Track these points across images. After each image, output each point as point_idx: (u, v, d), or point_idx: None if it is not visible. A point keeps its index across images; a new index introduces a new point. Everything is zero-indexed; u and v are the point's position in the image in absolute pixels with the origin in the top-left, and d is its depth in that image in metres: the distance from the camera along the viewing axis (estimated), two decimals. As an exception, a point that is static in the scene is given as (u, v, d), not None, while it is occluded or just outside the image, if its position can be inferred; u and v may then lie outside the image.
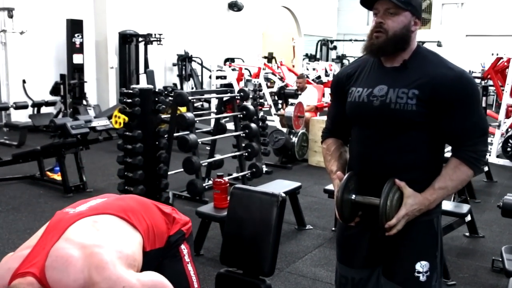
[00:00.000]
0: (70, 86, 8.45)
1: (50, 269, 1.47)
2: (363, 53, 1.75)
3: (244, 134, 5.49)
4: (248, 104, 5.73)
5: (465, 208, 3.75)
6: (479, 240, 4.12)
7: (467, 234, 4.18)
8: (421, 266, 1.70)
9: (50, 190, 5.20)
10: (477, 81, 12.10)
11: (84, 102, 9.44)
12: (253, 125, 5.52)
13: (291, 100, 7.28)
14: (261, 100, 6.66)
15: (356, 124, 1.59)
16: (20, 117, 8.58)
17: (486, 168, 6.03)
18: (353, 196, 1.71)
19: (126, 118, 4.52)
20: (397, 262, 1.73)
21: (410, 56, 1.69)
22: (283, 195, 2.05)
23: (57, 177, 5.39)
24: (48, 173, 5.59)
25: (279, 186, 4.12)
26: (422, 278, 1.71)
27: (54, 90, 8.15)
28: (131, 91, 4.30)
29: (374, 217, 1.67)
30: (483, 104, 6.76)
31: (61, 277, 1.46)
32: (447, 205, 3.83)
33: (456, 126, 1.63)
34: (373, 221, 1.71)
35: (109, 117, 7.24)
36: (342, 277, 1.88)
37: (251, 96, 5.98)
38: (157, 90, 4.49)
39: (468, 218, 3.93)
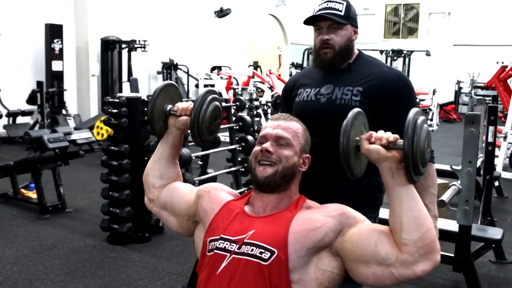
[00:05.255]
0: (49, 94, 7.91)
1: None
2: (315, 68, 1.88)
3: (240, 148, 5.01)
4: (244, 114, 5.26)
5: (498, 233, 3.32)
6: (508, 267, 3.70)
7: (493, 260, 3.76)
8: None
9: (25, 210, 4.64)
10: (480, 92, 11.84)
11: (64, 112, 8.92)
12: (250, 137, 5.04)
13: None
14: (257, 111, 6.20)
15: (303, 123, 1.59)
16: (-6, 127, 8.03)
17: (496, 183, 5.66)
18: None
19: (110, 130, 4.04)
20: None
21: (354, 60, 1.83)
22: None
23: (33, 195, 4.86)
24: (23, 190, 5.05)
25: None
26: None
27: (31, 99, 7.60)
28: (117, 100, 3.81)
29: None
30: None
31: None
32: (475, 230, 3.40)
33: (398, 125, 1.52)
34: None
35: (91, 128, 6.72)
36: None
37: (247, 106, 5.53)
38: (146, 99, 4.01)
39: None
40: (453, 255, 3.03)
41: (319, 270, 1.33)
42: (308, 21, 1.82)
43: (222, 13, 13.42)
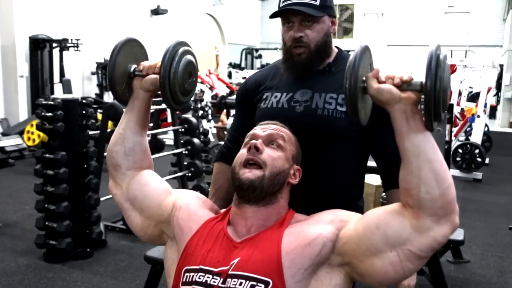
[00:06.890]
0: (-29, 97, 7.29)
1: None
2: (287, 71, 1.54)
3: (186, 151, 4.75)
4: (189, 116, 5.00)
5: (459, 233, 3.26)
6: (466, 266, 3.67)
7: (451, 259, 3.72)
8: None
9: None
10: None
11: (-11, 116, 8.28)
12: (196, 140, 4.80)
13: (233, 111, 6.63)
14: (202, 112, 5.94)
15: None
16: None
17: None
18: None
19: (43, 135, 3.65)
20: None
21: (334, 59, 1.54)
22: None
23: (-45, 209, 4.37)
24: None
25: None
26: None
27: (-49, 103, 6.96)
28: (52, 103, 3.45)
29: None
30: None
31: None
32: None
33: (389, 145, 1.38)
34: None
35: (20, 133, 6.21)
36: None
37: (192, 107, 5.26)
38: (84, 101, 3.66)
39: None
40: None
41: None
42: (275, 14, 1.52)
43: (158, 11, 13.02)
